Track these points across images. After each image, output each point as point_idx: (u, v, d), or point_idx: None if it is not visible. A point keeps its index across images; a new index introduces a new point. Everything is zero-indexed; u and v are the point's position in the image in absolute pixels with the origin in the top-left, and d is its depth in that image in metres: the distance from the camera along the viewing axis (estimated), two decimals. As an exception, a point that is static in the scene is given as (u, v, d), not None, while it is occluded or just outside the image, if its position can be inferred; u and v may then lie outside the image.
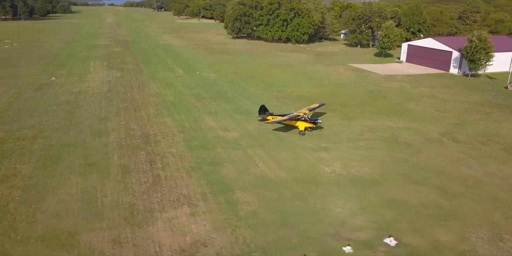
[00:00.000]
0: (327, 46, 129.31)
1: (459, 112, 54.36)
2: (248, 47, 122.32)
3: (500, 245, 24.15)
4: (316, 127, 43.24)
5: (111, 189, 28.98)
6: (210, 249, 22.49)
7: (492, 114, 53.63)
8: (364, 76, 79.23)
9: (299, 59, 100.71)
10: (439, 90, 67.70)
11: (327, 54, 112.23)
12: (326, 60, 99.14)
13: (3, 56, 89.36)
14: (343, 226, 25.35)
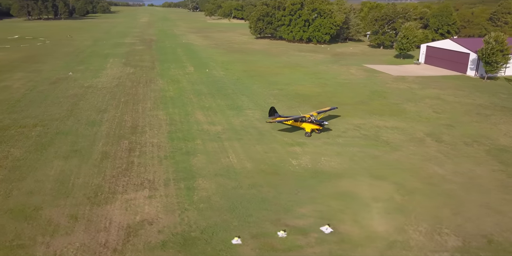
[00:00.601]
0: (348, 47, 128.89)
1: (457, 113, 53.83)
2: (267, 47, 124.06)
3: (435, 238, 24.79)
4: (322, 129, 42.92)
5: (85, 172, 31.72)
6: (154, 227, 24.57)
7: (491, 117, 52.78)
8: (373, 77, 79.12)
9: (314, 59, 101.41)
10: (447, 92, 66.85)
11: (345, 54, 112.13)
12: (342, 61, 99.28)
13: (34, 53, 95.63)
14: (287, 213, 26.74)
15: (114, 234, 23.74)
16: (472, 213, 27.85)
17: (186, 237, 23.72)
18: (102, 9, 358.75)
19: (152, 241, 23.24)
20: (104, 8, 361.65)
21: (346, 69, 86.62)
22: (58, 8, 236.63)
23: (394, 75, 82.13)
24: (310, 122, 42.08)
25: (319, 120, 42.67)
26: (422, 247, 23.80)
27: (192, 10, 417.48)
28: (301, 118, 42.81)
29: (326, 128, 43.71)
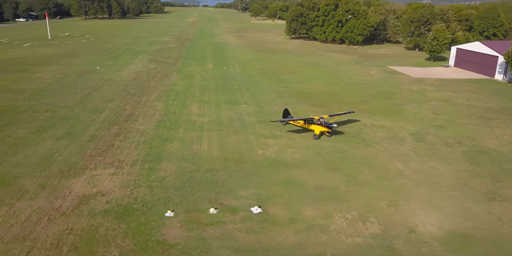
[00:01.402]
0: (381, 49, 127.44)
1: (458, 116, 53.13)
2: (297, 47, 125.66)
3: (357, 225, 26.16)
4: (332, 131, 42.21)
5: (69, 151, 35.98)
6: (104, 198, 28.01)
7: (494, 120, 51.64)
8: (391, 78, 78.72)
9: (339, 59, 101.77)
10: (461, 95, 65.51)
11: (374, 56, 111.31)
12: (367, 62, 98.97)
13: (75, 48, 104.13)
14: (227, 194, 29.18)
15: (69, 202, 27.44)
16: (408, 206, 28.74)
17: (128, 208, 26.92)
18: (155, 9, 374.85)
19: (97, 209, 26.66)
20: (157, 9, 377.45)
21: (367, 70, 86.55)
22: (112, 8, 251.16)
23: (413, 77, 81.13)
24: (319, 124, 41.44)
25: (328, 122, 41.51)
26: (340, 231, 25.31)
27: (241, 10, 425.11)
28: (309, 120, 42.37)
29: (338, 131, 43.46)
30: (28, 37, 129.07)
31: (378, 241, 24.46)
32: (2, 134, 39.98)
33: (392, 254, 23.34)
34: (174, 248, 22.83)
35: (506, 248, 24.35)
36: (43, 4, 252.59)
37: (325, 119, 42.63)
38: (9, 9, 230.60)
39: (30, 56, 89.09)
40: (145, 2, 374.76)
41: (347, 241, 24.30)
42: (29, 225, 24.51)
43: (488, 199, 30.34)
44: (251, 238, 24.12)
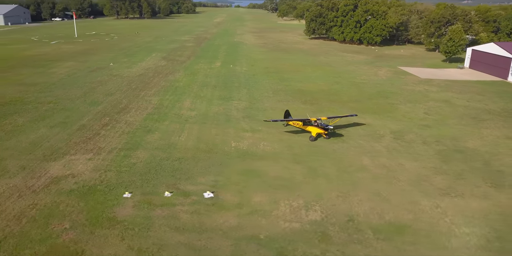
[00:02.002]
0: (399, 49, 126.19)
1: (450, 116, 53.02)
2: (314, 47, 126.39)
3: (300, 212, 27.62)
4: (329, 133, 41.76)
5: (57, 138, 39.18)
6: (74, 180, 30.75)
7: (486, 121, 51.29)
8: (397, 78, 78.55)
9: (352, 59, 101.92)
10: (463, 96, 64.88)
11: (390, 56, 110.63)
12: (380, 62, 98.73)
13: (96, 46, 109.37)
14: (186, 180, 31.29)
15: (42, 181, 30.36)
16: (357, 198, 29.87)
17: (92, 188, 29.52)
18: (186, 9, 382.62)
19: (64, 188, 29.41)
20: (188, 9, 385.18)
21: (375, 71, 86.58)
22: (142, 8, 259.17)
23: (421, 78, 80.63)
24: (316, 126, 41.04)
25: (324, 124, 41.06)
26: (280, 217, 26.87)
27: (271, 11, 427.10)
28: (305, 121, 42.19)
29: (338, 133, 43.46)
30: (57, 35, 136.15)
31: (313, 227, 25.85)
32: (4, 122, 43.76)
33: (321, 238, 24.67)
34: (120, 224, 25.15)
35: (437, 239, 25.17)
36: (78, 4, 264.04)
37: (323, 121, 42.24)
38: (46, 9, 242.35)
39: (53, 53, 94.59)
40: (176, 3, 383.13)
41: (283, 226, 25.84)
42: (0, 200, 27.50)
43: (441, 195, 30.98)
44: (193, 219, 26.11)
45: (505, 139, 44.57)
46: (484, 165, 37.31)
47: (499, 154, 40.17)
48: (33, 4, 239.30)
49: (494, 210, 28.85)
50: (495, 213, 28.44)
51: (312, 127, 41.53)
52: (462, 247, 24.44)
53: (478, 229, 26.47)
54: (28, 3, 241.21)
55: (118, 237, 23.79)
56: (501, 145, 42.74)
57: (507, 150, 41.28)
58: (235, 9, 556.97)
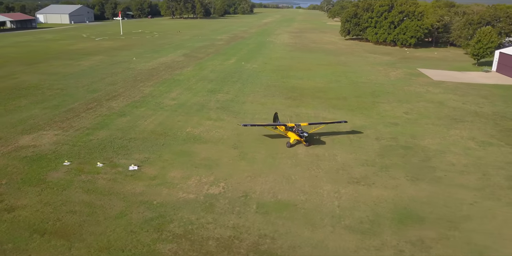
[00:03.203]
0: (433, 52, 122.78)
1: (429, 116, 52.93)
2: (343, 47, 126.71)
3: (203, 186, 31.00)
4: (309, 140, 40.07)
5: (42, 117, 45.72)
6: (32, 149, 36.55)
7: (463, 123, 50.71)
8: (405, 80, 77.99)
9: (374, 60, 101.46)
10: (463, 98, 63.49)
11: (418, 58, 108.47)
12: (402, 64, 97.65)
13: (132, 43, 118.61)
14: (124, 155, 35.84)
15: (7, 149, 36.55)
16: (265, 178, 32.61)
17: (42, 157, 35.08)
18: (242, 10, 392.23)
19: (21, 155, 35.27)
20: (244, 10, 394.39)
21: (389, 71, 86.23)
22: (196, 9, 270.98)
23: (433, 80, 79.41)
24: (294, 132, 39.36)
25: (301, 130, 38.84)
26: (182, 189, 30.48)
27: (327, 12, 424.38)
28: (283, 126, 40.88)
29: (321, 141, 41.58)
30: (106, 32, 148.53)
31: (206, 199, 29.19)
32: (11, 103, 51.47)
33: (205, 208, 27.98)
34: (45, 184, 30.27)
35: (311, 217, 27.39)
36: (138, 4, 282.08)
37: (302, 127, 40.16)
38: (109, 9, 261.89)
39: (91, 48, 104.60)
40: (233, 3, 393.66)
41: (180, 196, 29.47)
42: (-33, 160, 33.96)
43: (349, 183, 32.74)
44: (108, 184, 30.58)
45: (467, 140, 44.33)
46: (421, 161, 38.02)
47: (447, 152, 40.43)
48: (97, 5, 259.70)
49: (389, 200, 30.21)
50: (387, 202, 29.84)
51: (291, 133, 39.66)
52: (329, 225, 26.52)
53: (359, 212, 28.25)
54: (94, 4, 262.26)
55: (36, 193, 28.88)
56: (457, 144, 42.72)
57: (459, 149, 41.32)
58: (294, 10, 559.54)
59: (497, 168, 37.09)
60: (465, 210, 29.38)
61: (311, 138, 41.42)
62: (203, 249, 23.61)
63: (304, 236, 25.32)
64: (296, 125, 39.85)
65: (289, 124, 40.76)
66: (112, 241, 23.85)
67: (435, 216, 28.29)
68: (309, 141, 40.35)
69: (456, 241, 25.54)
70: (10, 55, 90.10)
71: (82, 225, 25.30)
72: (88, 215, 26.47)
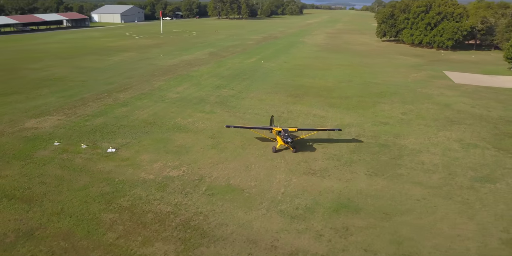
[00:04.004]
0: (470, 55, 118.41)
1: (425, 118, 52.67)
2: (375, 48, 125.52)
3: (166, 169, 33.97)
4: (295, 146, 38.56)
5: (54, 105, 50.99)
6: (34, 131, 41.36)
7: (459, 125, 50.03)
8: (424, 82, 76.79)
9: (401, 62, 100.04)
10: (475, 101, 62.00)
11: (449, 61, 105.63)
12: (429, 66, 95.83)
13: (168, 41, 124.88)
14: (108, 139, 39.65)
15: (12, 130, 41.69)
16: (225, 166, 34.97)
17: (38, 137, 39.73)
18: (290, 11, 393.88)
19: (22, 135, 40.16)
20: (292, 11, 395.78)
21: (410, 73, 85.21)
22: (241, 9, 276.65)
23: (453, 83, 77.79)
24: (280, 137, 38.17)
25: (286, 135, 37.30)
26: (146, 170, 33.60)
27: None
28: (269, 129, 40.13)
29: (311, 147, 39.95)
30: (148, 31, 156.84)
31: (162, 180, 32.11)
32: (34, 91, 57.61)
33: (158, 187, 30.91)
34: (30, 159, 34.69)
35: (251, 201, 29.45)
36: (187, 5, 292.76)
37: (290, 132, 38.41)
38: (159, 9, 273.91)
39: (127, 45, 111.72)
40: (281, 4, 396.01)
41: (140, 176, 32.63)
42: (-24, 137, 39.45)
43: (305, 174, 34.26)
44: (82, 162, 34.44)
45: (453, 141, 44.01)
46: (390, 158, 38.62)
47: (424, 152, 40.61)
48: (149, 5, 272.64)
49: (337, 191, 31.47)
50: (333, 193, 31.13)
51: (279, 138, 38.25)
52: (264, 209, 28.45)
53: (299, 200, 29.90)
54: (146, 4, 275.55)
55: (20, 166, 33.30)
56: (439, 145, 42.63)
57: (438, 150, 41.27)
58: (345, 12, 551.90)
59: (468, 169, 36.95)
60: (407, 205, 30.07)
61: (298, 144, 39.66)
62: (140, 220, 26.51)
63: (236, 216, 27.48)
64: (284, 130, 38.04)
65: (276, 128, 38.99)
66: (65, 208, 27.40)
67: (373, 208, 29.31)
68: (296, 147, 38.67)
69: (381, 231, 26.56)
70: (53, 50, 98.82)
71: (46, 194, 29.13)
72: (54, 186, 30.31)
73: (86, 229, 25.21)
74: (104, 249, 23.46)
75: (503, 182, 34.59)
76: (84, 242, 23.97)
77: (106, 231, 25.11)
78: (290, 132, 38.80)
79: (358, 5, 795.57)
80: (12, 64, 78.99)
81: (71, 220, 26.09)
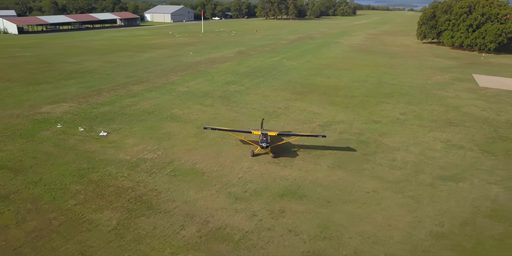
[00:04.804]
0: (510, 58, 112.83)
1: (423, 119, 52.02)
2: (411, 50, 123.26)
3: (143, 152, 37.62)
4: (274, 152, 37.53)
5: (72, 94, 56.71)
6: (46, 115, 46.82)
7: (455, 127, 49.22)
8: (446, 84, 75.22)
9: (431, 64, 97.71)
10: (489, 105, 59.96)
11: (486, 65, 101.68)
12: (460, 69, 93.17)
13: (204, 40, 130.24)
14: (105, 125, 44.11)
15: (28, 113, 47.43)
16: (197, 152, 37.95)
17: (47, 120, 45.02)
18: (341, 12, 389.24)
19: (34, 118, 45.70)
20: (343, 11, 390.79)
21: (434, 75, 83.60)
22: (289, 10, 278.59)
23: (477, 86, 75.65)
24: None
25: (264, 139, 36.22)
26: (126, 152, 37.36)
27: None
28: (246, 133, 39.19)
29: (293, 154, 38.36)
30: (190, 30, 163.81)
31: (136, 161, 35.72)
32: (61, 82, 64.14)
33: (130, 166, 34.55)
34: (33, 138, 39.80)
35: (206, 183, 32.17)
36: (237, 5, 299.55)
37: (269, 136, 37.23)
38: (209, 10, 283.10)
39: (163, 43, 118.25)
40: (333, 5, 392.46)
41: (120, 157, 36.47)
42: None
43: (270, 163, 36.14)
44: (74, 142, 38.98)
45: (438, 142, 43.88)
46: (363, 154, 39.62)
47: (401, 150, 41.12)
48: (199, 5, 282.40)
49: (292, 179, 33.27)
50: (287, 181, 32.96)
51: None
52: (214, 190, 31.08)
53: (252, 184, 32.19)
54: (197, 4, 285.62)
55: (21, 143, 38.43)
56: (420, 145, 42.78)
57: (417, 149, 41.51)
58: (401, 13, 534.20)
59: (438, 168, 37.22)
60: (354, 196, 31.36)
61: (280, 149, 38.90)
62: (100, 192, 30.23)
63: (186, 194, 30.40)
64: (263, 134, 37.02)
65: (255, 132, 38.37)
66: (43, 179, 31.78)
67: (318, 196, 30.97)
68: (275, 153, 37.59)
69: (314, 216, 28.27)
70: (95, 47, 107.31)
71: (33, 167, 33.77)
72: (42, 161, 34.94)
73: (52, 196, 29.31)
74: (60, 212, 27.33)
75: (468, 182, 34.64)
76: (47, 206, 28.03)
77: (69, 199, 29.05)
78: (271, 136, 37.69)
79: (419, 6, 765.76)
80: (54, 58, 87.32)
81: (44, 188, 30.34)
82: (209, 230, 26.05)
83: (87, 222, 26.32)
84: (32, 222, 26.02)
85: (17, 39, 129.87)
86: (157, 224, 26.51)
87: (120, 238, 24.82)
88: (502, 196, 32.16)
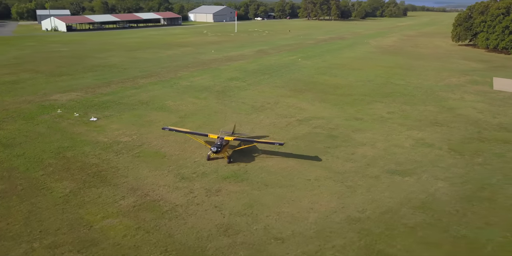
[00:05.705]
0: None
1: (411, 118, 52.11)
2: (441, 52, 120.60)
3: (125, 138, 41.99)
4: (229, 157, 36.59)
5: (85, 85, 62.62)
6: (53, 102, 52.66)
7: (437, 127, 49.56)
8: (457, 86, 74.02)
9: (454, 66, 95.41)
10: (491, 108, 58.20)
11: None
12: (484, 72, 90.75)
13: (231, 39, 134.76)
14: (100, 111, 49.11)
15: (41, 99, 53.53)
16: (169, 138, 41.69)
17: (52, 106, 50.71)
18: (389, 13, 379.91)
19: (42, 104, 51.66)
20: (391, 12, 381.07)
21: (449, 78, 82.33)
22: (331, 11, 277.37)
23: (491, 89, 74.05)
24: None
25: (218, 144, 35.27)
26: (109, 137, 41.76)
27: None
28: (204, 135, 38.02)
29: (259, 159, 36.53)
30: (225, 30, 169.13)
31: (111, 143, 40.01)
32: (80, 74, 70.73)
33: (116, 152, 38.90)
34: (33, 120, 45.41)
35: (164, 164, 35.78)
36: (280, 6, 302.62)
37: (224, 140, 36.00)
38: (252, 10, 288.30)
39: (191, 42, 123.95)
40: (381, 6, 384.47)
41: (98, 138, 41.02)
42: (5, 103, 51.83)
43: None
44: (65, 125, 44.12)
45: (410, 140, 44.28)
46: (326, 147, 41.23)
47: (366, 145, 42.31)
48: (243, 6, 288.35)
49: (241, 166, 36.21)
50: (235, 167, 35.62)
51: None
52: (166, 171, 34.55)
53: (203, 167, 35.31)
54: (240, 5, 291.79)
55: (20, 124, 44.12)
56: (389, 141, 43.62)
57: (383, 145, 42.32)
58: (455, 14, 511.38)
59: (393, 163, 38.29)
60: (293, 182, 33.51)
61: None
62: (68, 166, 34.71)
63: (140, 172, 34.13)
64: (219, 138, 36.25)
65: (212, 135, 37.54)
66: (26, 153, 36.85)
67: (258, 180, 33.48)
68: (230, 158, 36.68)
69: (245, 195, 30.91)
70: (126, 44, 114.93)
71: (22, 143, 39.06)
72: (32, 138, 40.22)
73: (26, 167, 34.20)
74: (27, 181, 32.01)
75: (415, 177, 35.60)
76: (18, 174, 32.89)
77: (39, 170, 33.77)
78: (227, 141, 36.36)
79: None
80: (85, 53, 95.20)
81: (23, 161, 35.34)
82: (144, 202, 29.58)
83: (46, 189, 30.78)
84: (0, 186, 30.87)
85: (63, 36, 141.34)
86: (103, 194, 30.43)
87: (66, 203, 28.98)
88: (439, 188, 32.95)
